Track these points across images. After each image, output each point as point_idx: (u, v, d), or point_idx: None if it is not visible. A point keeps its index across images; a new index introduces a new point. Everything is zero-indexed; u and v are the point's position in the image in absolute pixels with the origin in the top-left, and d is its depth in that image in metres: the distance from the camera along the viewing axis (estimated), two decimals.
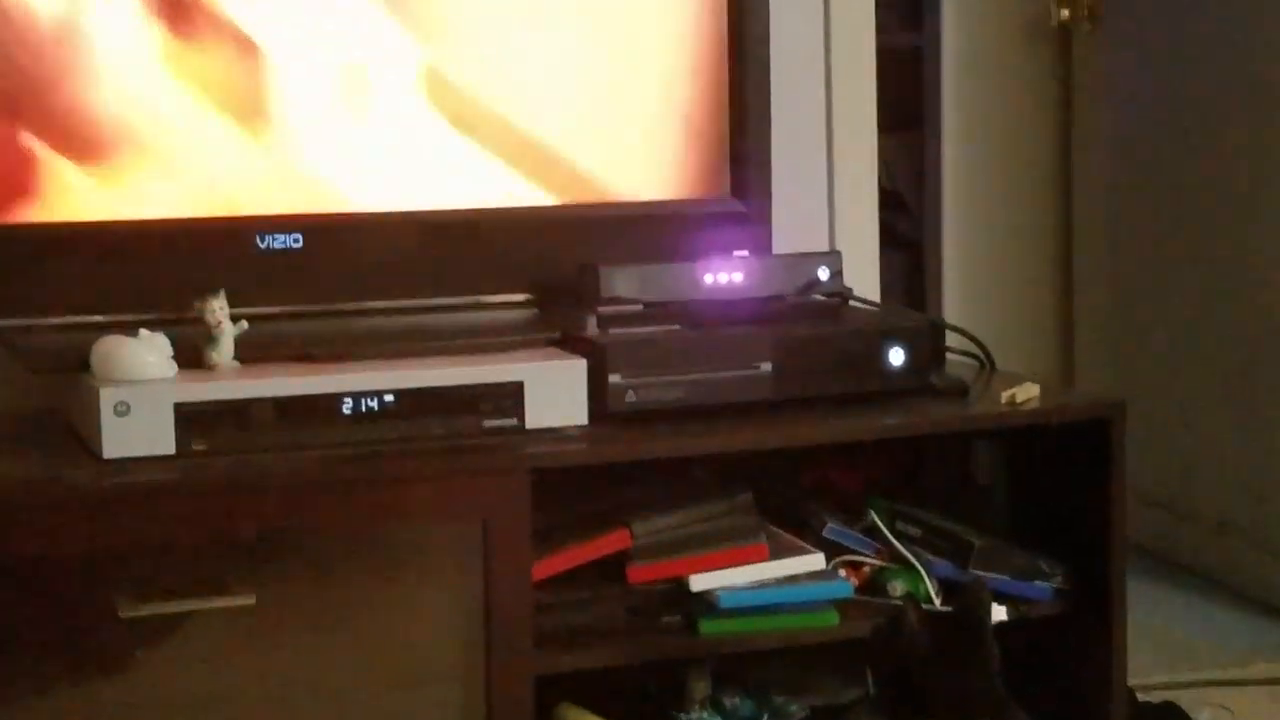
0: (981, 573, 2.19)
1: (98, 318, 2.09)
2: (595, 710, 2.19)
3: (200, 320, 2.02)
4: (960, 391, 2.25)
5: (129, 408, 1.91)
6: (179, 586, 1.90)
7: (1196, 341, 3.50)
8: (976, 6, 3.46)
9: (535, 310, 2.31)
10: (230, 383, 1.98)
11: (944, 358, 2.35)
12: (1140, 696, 2.61)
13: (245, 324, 2.04)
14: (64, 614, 1.86)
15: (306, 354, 2.07)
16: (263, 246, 2.17)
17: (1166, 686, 2.87)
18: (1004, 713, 1.90)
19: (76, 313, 2.12)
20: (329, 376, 2.00)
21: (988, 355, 2.44)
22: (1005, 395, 2.22)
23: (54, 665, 1.88)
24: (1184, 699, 2.78)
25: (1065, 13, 3.45)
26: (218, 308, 2.02)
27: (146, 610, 1.88)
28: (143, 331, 1.99)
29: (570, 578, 2.10)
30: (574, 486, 2.13)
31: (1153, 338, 3.60)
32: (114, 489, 1.87)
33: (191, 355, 2.02)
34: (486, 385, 2.03)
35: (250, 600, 1.92)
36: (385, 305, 2.26)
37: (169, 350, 1.99)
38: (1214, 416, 3.47)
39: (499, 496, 1.96)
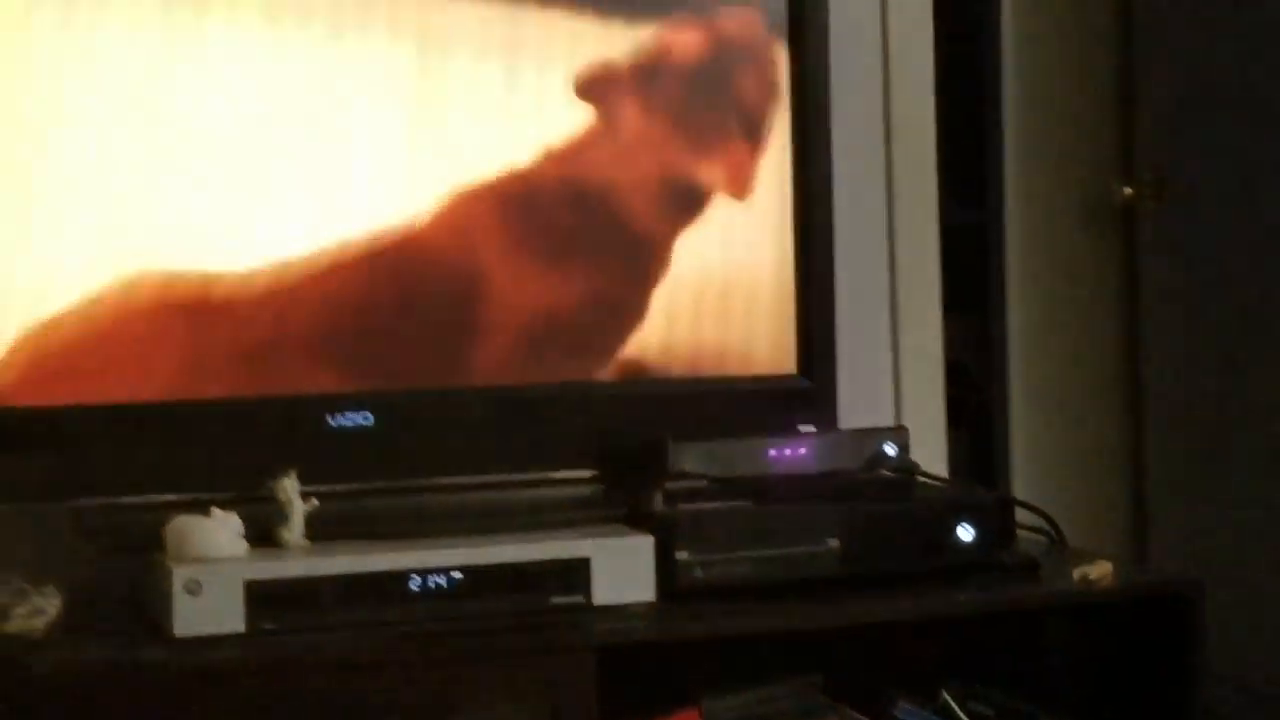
0: None
1: (170, 496, 2.11)
2: None
3: (271, 499, 2.04)
4: (1031, 569, 2.23)
5: (200, 586, 1.92)
6: None
7: (1273, 517, 3.46)
8: (1039, 185, 3.49)
9: (602, 486, 2.31)
10: (300, 561, 1.99)
11: (1014, 534, 2.33)
12: None
13: (315, 501, 2.06)
14: None
15: (375, 532, 2.08)
16: (333, 424, 2.20)
17: None
18: None
19: (148, 492, 2.14)
20: (397, 554, 2.01)
21: (1058, 531, 2.42)
22: (1078, 573, 2.20)
23: None
24: None
25: (1128, 190, 3.47)
26: (289, 486, 2.04)
27: None
28: (215, 510, 2.01)
29: None
30: (641, 664, 2.11)
31: (1227, 514, 3.56)
32: (185, 668, 1.88)
33: (263, 533, 2.03)
34: (553, 562, 2.03)
35: None
36: (453, 482, 2.27)
37: (240, 529, 2.01)
38: None
39: (566, 675, 1.95)
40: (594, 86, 2.29)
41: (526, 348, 2.29)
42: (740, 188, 2.36)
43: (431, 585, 1.99)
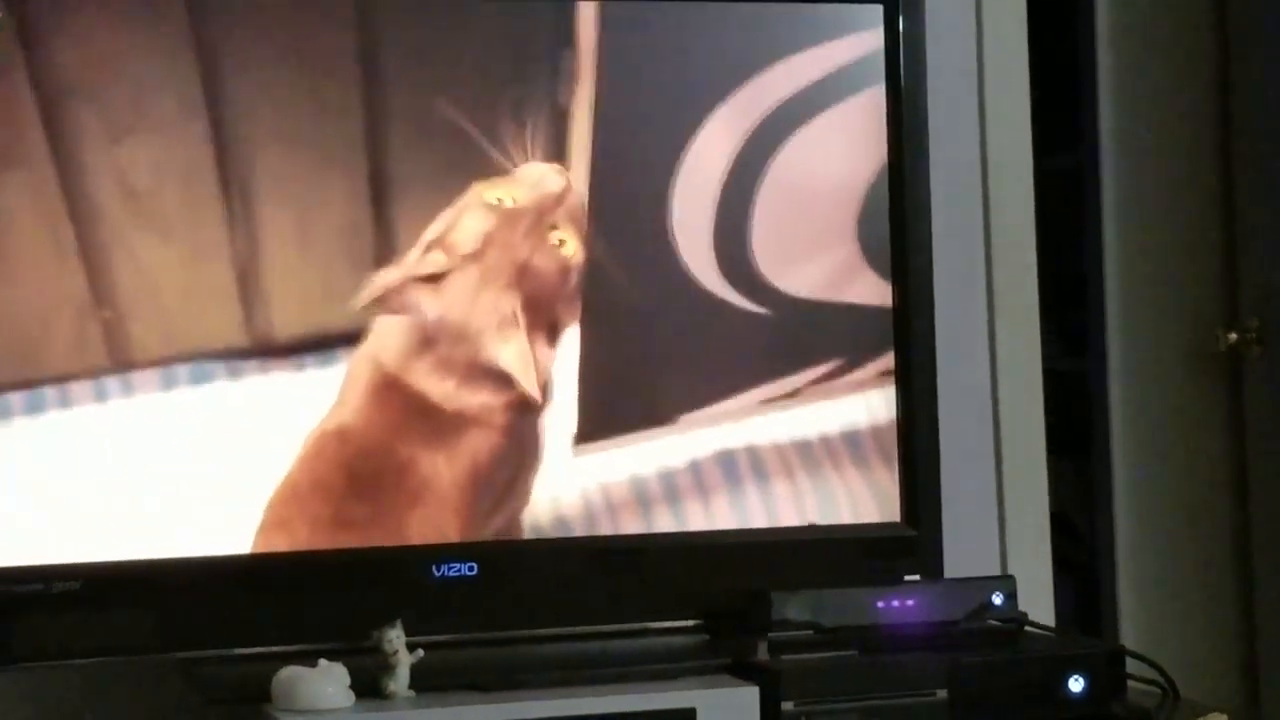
0: None
1: (277, 648, 2.12)
2: None
3: (377, 650, 2.05)
4: None
5: None
6: None
7: None
8: (1142, 329, 3.47)
9: (705, 636, 2.30)
10: (406, 713, 1.99)
11: (1125, 686, 2.30)
12: None
13: (421, 652, 2.06)
14: None
15: (479, 683, 2.08)
16: (438, 575, 2.21)
17: None
18: None
19: (256, 644, 2.16)
20: (502, 705, 2.01)
21: (1171, 683, 2.37)
22: None
23: None
24: None
25: (1233, 336, 3.45)
26: (394, 637, 2.05)
27: None
28: (321, 662, 2.02)
29: None
30: None
31: None
32: None
33: (369, 685, 2.03)
34: (659, 712, 2.02)
35: None
36: (556, 632, 2.27)
37: (347, 680, 2.01)
38: None
39: None
40: None
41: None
42: None
43: None
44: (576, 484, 2.28)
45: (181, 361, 2.16)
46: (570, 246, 2.28)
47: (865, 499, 2.38)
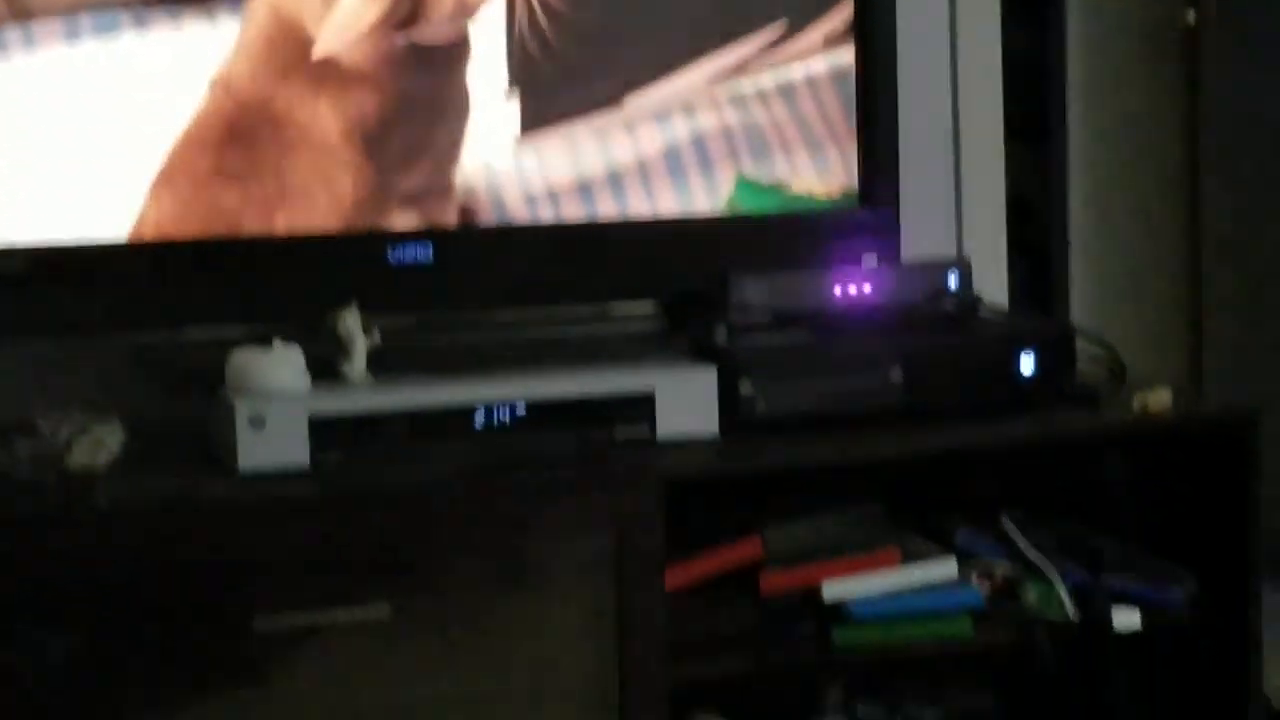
0: (1114, 580, 2.16)
1: (231, 332, 2.11)
2: (729, 718, 2.18)
3: (333, 334, 2.04)
4: (1092, 399, 2.22)
5: (264, 420, 1.93)
6: (313, 599, 1.91)
7: None
8: (1102, 11, 3.42)
9: (664, 320, 2.30)
10: (363, 395, 2.00)
11: (1075, 365, 2.33)
12: (1277, 706, 2.57)
13: (377, 336, 2.05)
14: (199, 627, 1.87)
15: (438, 366, 2.08)
16: (393, 259, 2.19)
17: None
18: None
19: (210, 326, 2.14)
20: (461, 388, 2.01)
21: (1119, 361, 2.41)
22: (1137, 402, 2.19)
23: (187, 678, 1.89)
24: None
25: (1193, 15, 3.41)
26: (350, 321, 2.04)
27: (281, 623, 1.89)
28: (277, 344, 2.01)
29: (703, 588, 2.10)
30: (704, 496, 2.12)
31: None
32: (249, 501, 1.89)
33: (325, 368, 2.03)
34: (617, 395, 2.03)
35: (384, 613, 1.92)
36: (514, 317, 2.27)
37: (303, 363, 2.01)
38: None
39: (632, 508, 1.96)
40: None
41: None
42: None
43: (495, 420, 2.00)
44: (524, 173, 2.24)
45: (86, 10, 2.08)
46: None
47: (824, 179, 2.36)
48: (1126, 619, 2.14)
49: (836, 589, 2.10)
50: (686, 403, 2.05)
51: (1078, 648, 2.14)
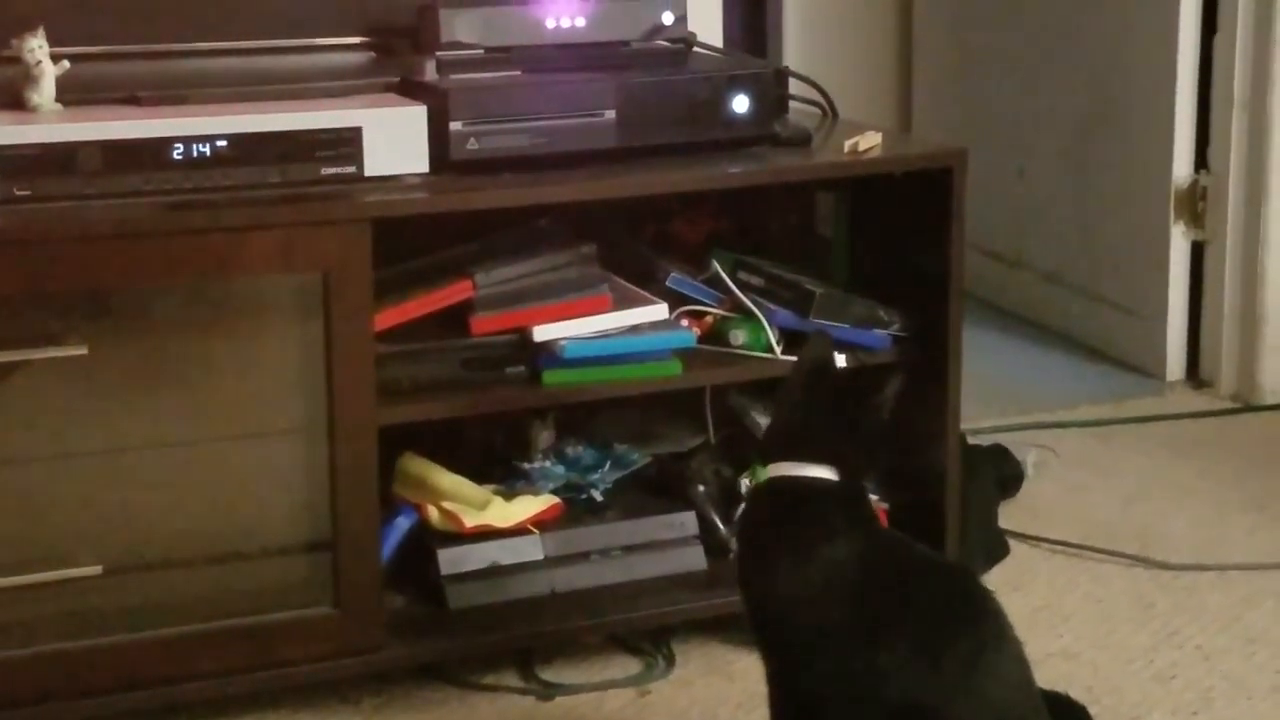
0: (822, 321, 2.19)
1: None
2: (440, 462, 2.18)
3: (17, 59, 1.93)
4: (803, 140, 2.23)
5: None
6: (7, 337, 1.85)
7: (1034, 99, 3.52)
8: None
9: (372, 54, 2.24)
10: (53, 126, 1.91)
11: (787, 106, 2.33)
12: (970, 439, 2.66)
13: (67, 64, 1.96)
14: None
15: (133, 97, 1.99)
16: None
17: (996, 429, 2.94)
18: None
19: None
20: (158, 120, 1.93)
21: (830, 104, 2.42)
22: (848, 144, 2.20)
23: None
24: (1012, 440, 2.85)
25: None
26: (36, 46, 1.94)
27: None
28: None
29: (413, 329, 2.08)
30: (414, 237, 2.09)
31: (992, 94, 3.62)
32: None
33: (9, 97, 1.93)
34: (323, 130, 1.97)
35: (82, 351, 1.87)
36: (216, 47, 2.18)
37: None
38: (1049, 172, 3.51)
39: (339, 246, 1.92)
40: None
41: None
42: None
43: (195, 153, 1.93)
44: None
45: None
46: None
47: None
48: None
49: (547, 331, 2.10)
50: (395, 140, 2.00)
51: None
